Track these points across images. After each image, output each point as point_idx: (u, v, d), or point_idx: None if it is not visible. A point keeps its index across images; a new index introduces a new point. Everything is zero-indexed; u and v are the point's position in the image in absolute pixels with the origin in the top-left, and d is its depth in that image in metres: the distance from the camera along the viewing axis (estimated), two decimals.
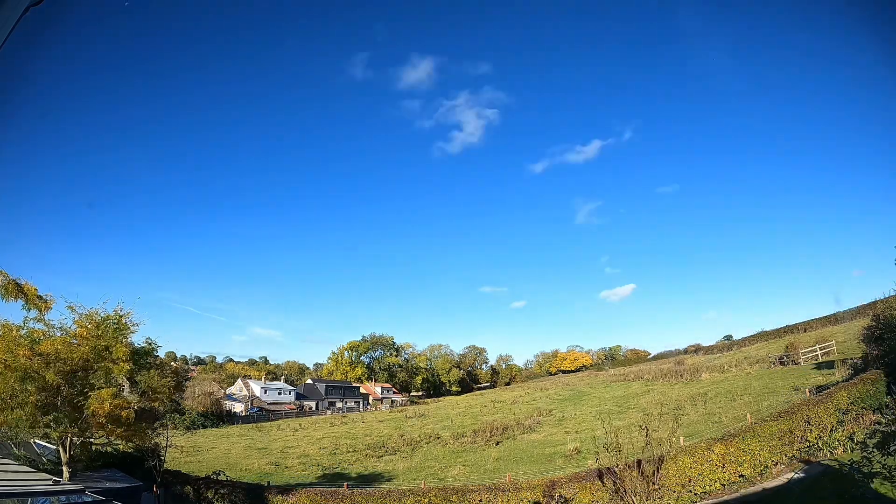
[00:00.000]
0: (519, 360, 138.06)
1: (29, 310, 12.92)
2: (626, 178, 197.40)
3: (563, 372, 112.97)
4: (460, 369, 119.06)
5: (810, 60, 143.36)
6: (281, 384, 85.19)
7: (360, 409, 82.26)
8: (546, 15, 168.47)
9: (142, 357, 14.58)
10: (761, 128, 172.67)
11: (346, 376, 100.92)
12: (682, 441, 15.42)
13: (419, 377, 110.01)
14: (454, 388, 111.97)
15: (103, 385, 12.73)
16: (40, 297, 13.01)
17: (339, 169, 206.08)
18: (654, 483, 11.77)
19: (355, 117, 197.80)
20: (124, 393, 14.20)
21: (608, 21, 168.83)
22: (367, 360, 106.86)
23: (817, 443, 14.99)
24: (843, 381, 18.96)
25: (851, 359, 25.31)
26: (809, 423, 15.31)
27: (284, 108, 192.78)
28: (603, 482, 13.20)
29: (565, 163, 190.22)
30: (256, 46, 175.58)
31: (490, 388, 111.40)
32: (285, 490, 16.15)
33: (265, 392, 76.54)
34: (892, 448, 12.30)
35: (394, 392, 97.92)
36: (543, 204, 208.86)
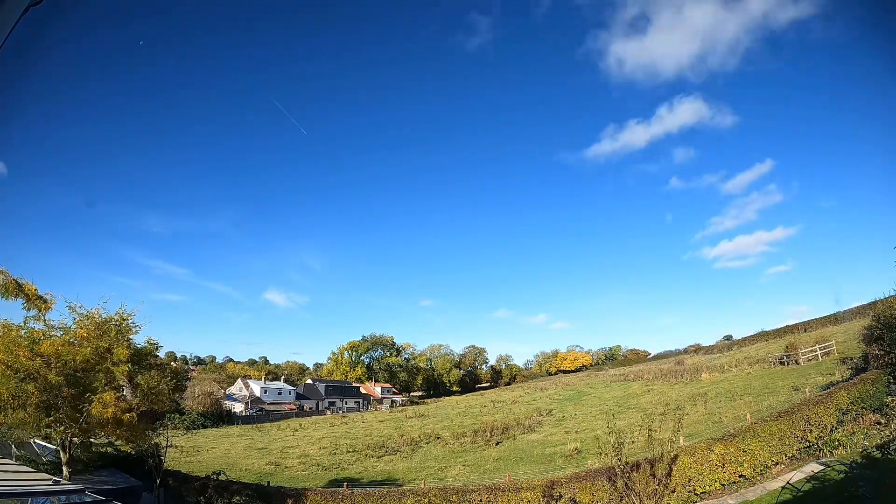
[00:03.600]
0: (519, 360, 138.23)
1: (28, 309, 12.83)
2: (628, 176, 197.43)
3: (563, 372, 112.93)
4: (460, 369, 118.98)
5: (809, 60, 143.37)
6: (281, 384, 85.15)
7: (361, 409, 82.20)
8: None
9: (143, 358, 14.49)
10: (760, 126, 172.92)
11: (347, 376, 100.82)
12: (682, 441, 15.40)
13: (419, 377, 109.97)
14: (454, 388, 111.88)
15: (104, 387, 12.68)
16: (40, 297, 12.92)
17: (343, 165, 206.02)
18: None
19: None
20: (125, 394, 14.15)
21: None
22: (367, 361, 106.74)
23: (817, 443, 14.97)
24: (843, 381, 18.97)
25: (851, 359, 25.32)
26: (809, 423, 15.30)
27: (291, 98, 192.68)
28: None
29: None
30: (255, 46, 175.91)
31: (490, 388, 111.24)
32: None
33: (265, 392, 76.50)
34: (892, 448, 12.31)
35: (394, 392, 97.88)
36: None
